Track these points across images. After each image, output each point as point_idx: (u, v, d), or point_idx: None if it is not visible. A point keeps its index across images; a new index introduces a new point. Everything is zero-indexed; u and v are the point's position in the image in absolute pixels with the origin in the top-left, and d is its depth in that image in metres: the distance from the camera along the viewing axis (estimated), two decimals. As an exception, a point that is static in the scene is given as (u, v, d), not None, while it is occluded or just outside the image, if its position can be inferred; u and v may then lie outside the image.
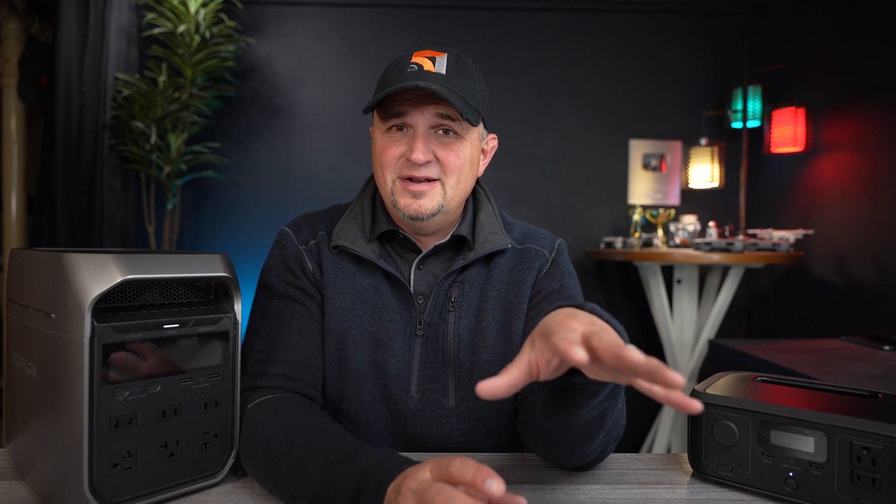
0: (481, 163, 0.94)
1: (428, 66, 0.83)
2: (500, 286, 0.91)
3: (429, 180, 0.85)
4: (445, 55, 0.85)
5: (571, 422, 0.62)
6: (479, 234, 0.92)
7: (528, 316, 0.91)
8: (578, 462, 0.72)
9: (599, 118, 3.08)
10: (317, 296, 0.90)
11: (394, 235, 0.92)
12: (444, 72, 0.83)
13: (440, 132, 0.85)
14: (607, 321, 0.56)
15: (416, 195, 0.84)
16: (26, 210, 2.79)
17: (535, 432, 0.73)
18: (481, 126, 0.91)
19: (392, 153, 0.85)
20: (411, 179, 0.84)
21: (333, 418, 0.78)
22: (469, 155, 0.87)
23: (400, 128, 0.85)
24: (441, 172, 0.85)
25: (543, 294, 0.91)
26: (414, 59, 0.84)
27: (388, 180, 0.86)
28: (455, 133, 0.85)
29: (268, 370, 0.82)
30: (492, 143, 0.97)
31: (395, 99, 0.84)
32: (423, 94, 0.82)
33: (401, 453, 0.62)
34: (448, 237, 0.92)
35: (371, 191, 0.97)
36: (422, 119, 0.83)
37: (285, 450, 0.66)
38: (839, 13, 2.52)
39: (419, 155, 0.82)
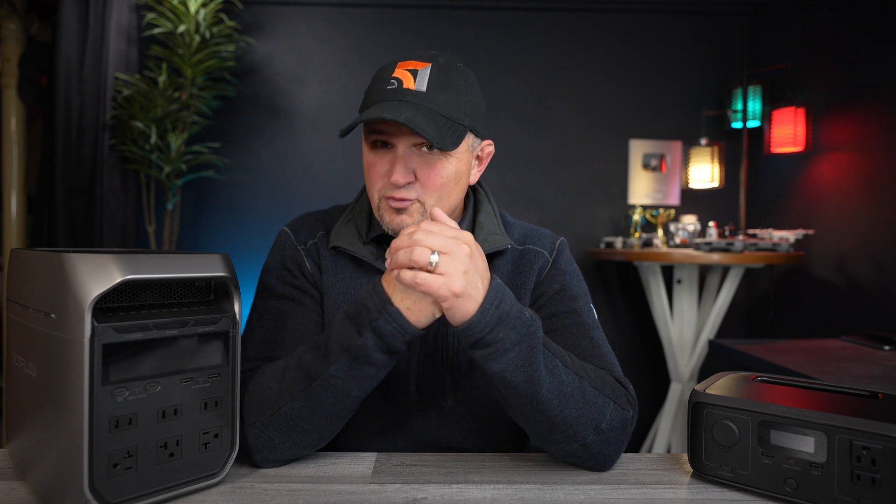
0: (475, 170, 0.92)
1: (408, 81, 0.80)
2: None
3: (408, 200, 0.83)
4: (429, 66, 0.82)
5: (499, 388, 0.71)
6: (478, 234, 0.91)
7: None
8: (545, 446, 0.76)
9: (599, 118, 3.08)
10: (316, 295, 0.90)
11: (390, 238, 0.92)
12: (424, 88, 0.80)
13: (424, 149, 0.82)
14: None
15: (399, 210, 0.84)
16: (26, 210, 2.80)
17: None
18: (471, 137, 0.87)
19: (377, 171, 0.84)
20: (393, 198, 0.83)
21: None
22: (454, 171, 0.84)
23: (384, 143, 0.84)
24: (420, 192, 0.83)
25: (546, 297, 0.90)
26: (395, 73, 0.82)
27: (375, 197, 0.86)
28: (439, 150, 0.82)
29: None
30: (487, 149, 0.93)
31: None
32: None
33: (402, 453, 0.62)
34: (448, 238, 0.92)
35: None
36: (402, 139, 0.82)
37: (280, 368, 0.75)
38: (839, 13, 2.52)
39: (398, 178, 0.81)
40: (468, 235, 0.67)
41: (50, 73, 2.56)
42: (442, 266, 0.63)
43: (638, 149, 3.07)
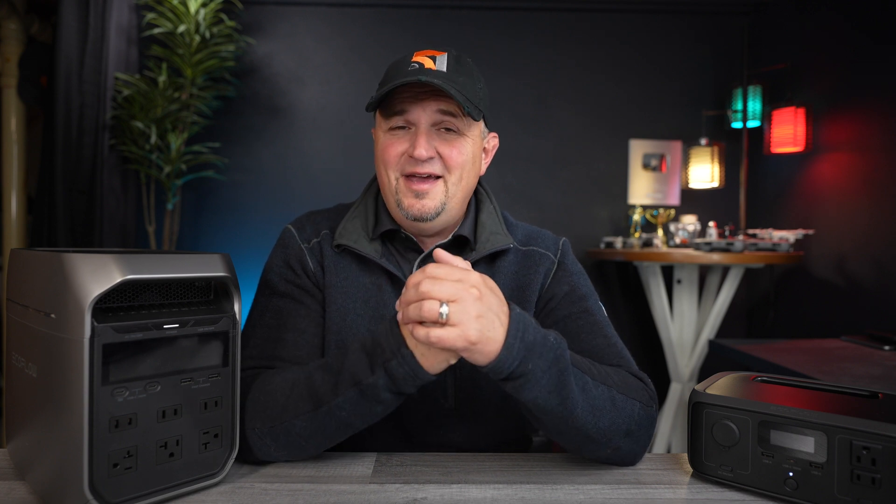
0: (483, 162, 0.94)
1: (429, 64, 0.83)
2: (504, 289, 0.90)
3: (433, 178, 0.85)
4: (446, 54, 0.86)
5: (532, 412, 0.70)
6: (480, 234, 0.92)
7: (538, 320, 0.90)
8: (576, 452, 0.77)
9: (599, 118, 3.08)
10: (318, 294, 0.90)
11: (395, 235, 0.92)
12: (444, 69, 0.83)
13: (442, 129, 0.85)
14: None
15: (419, 195, 0.84)
16: (26, 210, 2.79)
17: None
18: (482, 124, 0.91)
19: (395, 150, 0.85)
20: (414, 176, 0.85)
21: None
22: (471, 152, 0.87)
23: (402, 127, 0.86)
24: (444, 169, 0.85)
25: (556, 300, 0.90)
26: (415, 59, 0.85)
27: (391, 178, 0.86)
28: (457, 130, 0.85)
29: (261, 368, 0.82)
30: (493, 141, 0.97)
31: (397, 97, 0.84)
32: (425, 90, 0.83)
33: (402, 453, 0.62)
34: (450, 237, 0.92)
35: (374, 190, 0.97)
36: (424, 115, 0.84)
37: (289, 381, 0.74)
38: (839, 13, 2.52)
39: (422, 150, 0.82)
40: (475, 276, 0.64)
41: (50, 73, 2.55)
42: (453, 316, 0.60)
43: (638, 149, 3.07)
